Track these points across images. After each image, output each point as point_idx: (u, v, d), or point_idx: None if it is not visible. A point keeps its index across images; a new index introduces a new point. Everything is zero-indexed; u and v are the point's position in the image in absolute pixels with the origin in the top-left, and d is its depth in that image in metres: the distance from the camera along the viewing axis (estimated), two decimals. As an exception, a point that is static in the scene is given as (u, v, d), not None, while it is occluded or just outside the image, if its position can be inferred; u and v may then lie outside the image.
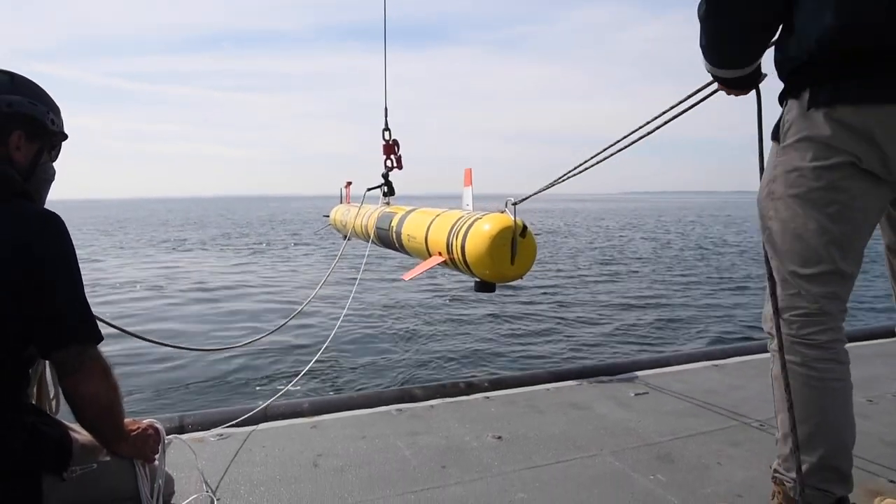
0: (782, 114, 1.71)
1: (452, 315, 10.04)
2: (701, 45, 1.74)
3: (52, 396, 2.10)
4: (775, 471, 1.81)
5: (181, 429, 2.72)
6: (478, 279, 3.34)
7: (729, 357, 3.90)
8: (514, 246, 3.01)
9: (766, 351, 1.85)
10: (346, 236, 5.91)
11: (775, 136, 1.73)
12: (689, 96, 2.08)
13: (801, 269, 1.65)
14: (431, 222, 3.81)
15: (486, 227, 3.08)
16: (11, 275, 1.45)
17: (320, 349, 4.51)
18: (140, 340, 2.64)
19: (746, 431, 2.77)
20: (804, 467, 1.67)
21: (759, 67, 1.77)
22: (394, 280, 12.86)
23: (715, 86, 1.93)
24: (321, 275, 6.33)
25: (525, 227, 3.06)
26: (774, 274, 1.73)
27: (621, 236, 30.57)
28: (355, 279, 4.98)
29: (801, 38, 1.56)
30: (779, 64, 1.69)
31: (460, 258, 3.26)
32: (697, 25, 1.71)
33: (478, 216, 3.26)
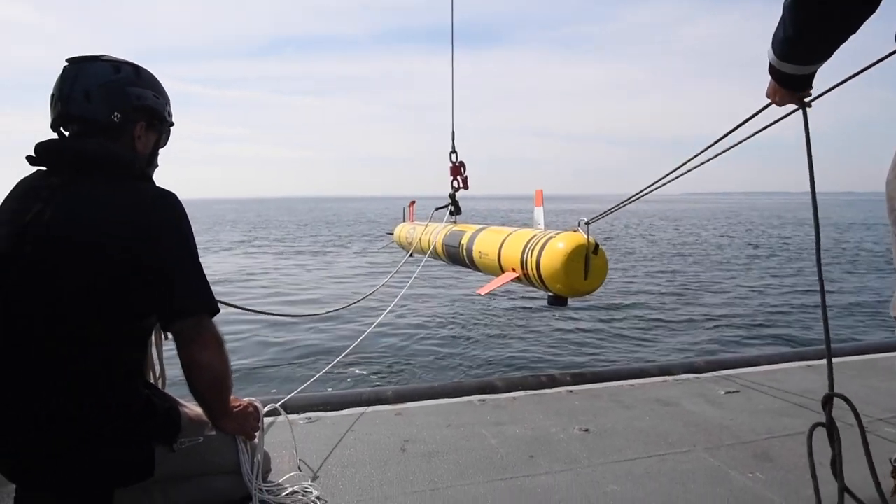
0: None
1: (524, 317, 9.96)
2: (779, 36, 1.64)
3: (157, 375, 2.19)
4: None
5: (273, 411, 2.78)
6: (551, 294, 3.49)
7: (823, 358, 3.70)
8: (588, 262, 3.16)
9: (864, 352, 1.78)
10: (410, 253, 6.05)
11: None
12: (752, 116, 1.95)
13: None
14: (504, 240, 3.95)
15: (560, 245, 3.24)
16: (133, 251, 1.52)
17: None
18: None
19: (849, 433, 2.61)
20: None
21: (815, 71, 1.69)
22: (457, 287, 12.90)
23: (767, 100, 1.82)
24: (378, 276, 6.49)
25: (597, 245, 3.21)
26: None
27: (694, 237, 29.73)
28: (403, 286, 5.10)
29: None
30: None
31: (535, 274, 3.40)
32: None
33: (551, 234, 3.41)
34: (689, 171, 2.34)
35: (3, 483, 2.00)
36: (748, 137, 2.01)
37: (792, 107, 1.77)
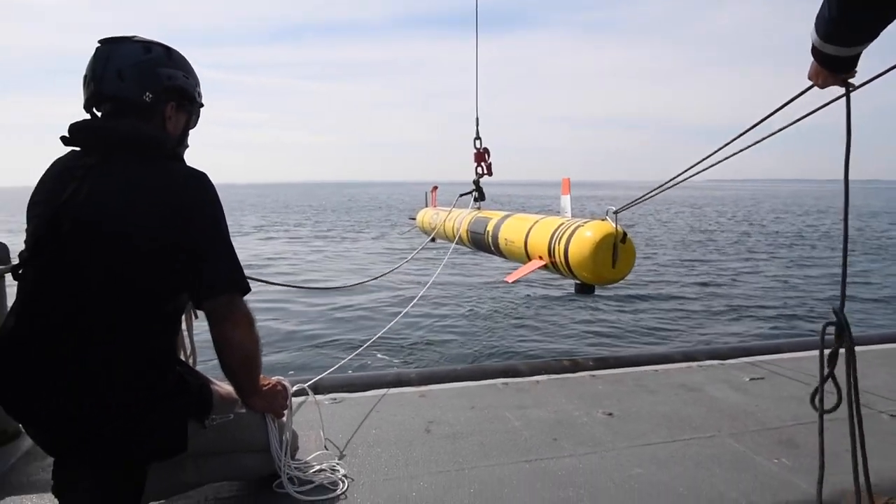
0: None
1: (546, 305, 9.94)
2: (822, 16, 1.57)
3: (188, 353, 2.23)
4: None
5: (300, 391, 2.82)
6: (578, 282, 3.51)
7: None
8: (616, 251, 3.18)
9: (890, 341, 1.74)
10: (432, 238, 6.08)
11: None
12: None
13: None
14: (531, 228, 3.97)
15: (588, 234, 3.24)
16: (167, 231, 1.55)
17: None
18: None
19: (876, 421, 2.59)
20: None
21: (860, 53, 1.62)
22: (478, 274, 12.87)
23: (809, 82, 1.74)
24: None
25: (625, 234, 3.22)
26: None
27: (717, 225, 29.36)
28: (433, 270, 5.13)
29: None
30: None
31: (562, 262, 3.41)
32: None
33: (580, 223, 3.41)
34: (726, 158, 2.30)
35: (41, 456, 2.07)
36: (789, 125, 1.95)
37: (835, 93, 1.72)
